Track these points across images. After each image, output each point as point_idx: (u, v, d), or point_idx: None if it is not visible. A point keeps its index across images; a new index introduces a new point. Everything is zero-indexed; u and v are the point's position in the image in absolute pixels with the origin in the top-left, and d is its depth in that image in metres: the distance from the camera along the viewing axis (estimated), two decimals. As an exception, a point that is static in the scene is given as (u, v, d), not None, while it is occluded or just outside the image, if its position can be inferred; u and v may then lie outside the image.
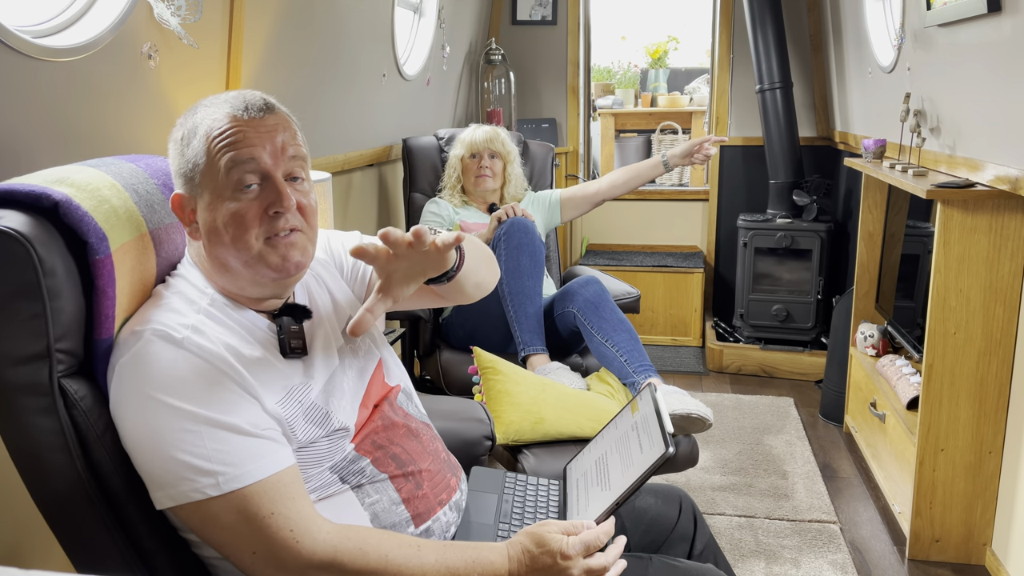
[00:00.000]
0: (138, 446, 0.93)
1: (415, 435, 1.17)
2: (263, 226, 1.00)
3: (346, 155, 2.61)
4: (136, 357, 0.94)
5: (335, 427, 1.04)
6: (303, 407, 1.02)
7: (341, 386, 1.09)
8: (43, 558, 1.40)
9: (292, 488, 0.95)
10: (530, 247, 2.28)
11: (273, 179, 1.00)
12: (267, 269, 1.01)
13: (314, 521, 0.95)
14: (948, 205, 2.06)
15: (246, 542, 0.93)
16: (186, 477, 0.91)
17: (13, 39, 1.21)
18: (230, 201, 0.99)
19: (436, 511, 1.12)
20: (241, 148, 0.98)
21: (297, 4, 2.09)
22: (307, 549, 0.93)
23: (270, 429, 0.97)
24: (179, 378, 0.93)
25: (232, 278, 1.03)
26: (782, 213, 3.63)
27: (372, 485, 1.07)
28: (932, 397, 2.13)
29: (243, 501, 0.92)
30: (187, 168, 1.01)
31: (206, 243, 1.02)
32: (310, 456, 1.02)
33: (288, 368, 1.04)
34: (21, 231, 0.91)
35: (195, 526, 0.94)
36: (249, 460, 0.93)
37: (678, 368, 3.75)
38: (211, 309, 1.01)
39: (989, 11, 1.88)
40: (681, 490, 1.41)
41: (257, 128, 1.00)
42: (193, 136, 1.00)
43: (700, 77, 4.81)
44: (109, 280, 0.97)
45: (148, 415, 0.92)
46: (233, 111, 1.00)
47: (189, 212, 1.03)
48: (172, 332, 0.95)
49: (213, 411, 0.93)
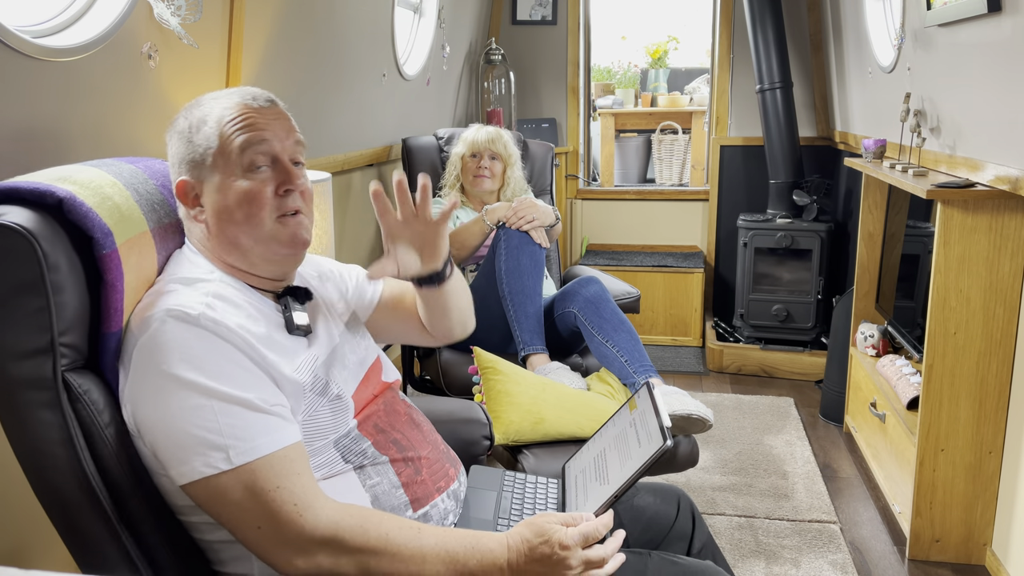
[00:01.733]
0: (154, 426, 0.95)
1: (416, 424, 1.21)
2: (274, 204, 1.07)
3: (346, 155, 2.61)
4: (152, 338, 0.96)
5: (335, 393, 1.08)
6: (312, 376, 1.06)
7: (343, 360, 1.14)
8: (44, 558, 1.40)
9: (297, 463, 0.98)
10: (530, 247, 2.28)
11: (282, 161, 1.08)
12: (278, 245, 1.08)
13: (317, 497, 0.97)
14: (948, 205, 2.06)
15: (252, 517, 0.94)
16: (199, 452, 0.93)
17: (13, 39, 1.22)
18: (243, 181, 1.05)
19: (434, 497, 1.14)
20: (253, 131, 1.06)
21: (297, 4, 2.09)
22: (310, 524, 0.95)
23: (279, 406, 1.00)
24: (194, 353, 0.96)
25: (242, 256, 1.08)
26: (782, 213, 3.63)
27: (374, 467, 1.10)
28: (932, 397, 2.14)
29: (251, 475, 0.94)
30: (196, 154, 1.06)
31: (214, 224, 1.07)
32: (314, 428, 1.05)
33: (293, 344, 1.07)
34: (25, 226, 0.92)
35: (204, 502, 0.96)
36: (259, 434, 0.95)
37: (678, 368, 3.75)
38: (219, 289, 1.04)
39: (989, 11, 1.89)
40: (679, 489, 1.41)
41: (265, 115, 1.08)
42: (203, 124, 1.06)
43: (700, 77, 4.80)
44: (118, 274, 0.99)
45: (163, 393, 0.95)
46: (242, 100, 1.08)
47: (193, 197, 1.08)
48: (187, 311, 0.97)
49: (226, 385, 0.95)
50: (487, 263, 2.34)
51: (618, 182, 4.75)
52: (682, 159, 4.58)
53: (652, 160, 4.75)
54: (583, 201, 4.39)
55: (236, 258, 1.08)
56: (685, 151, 4.57)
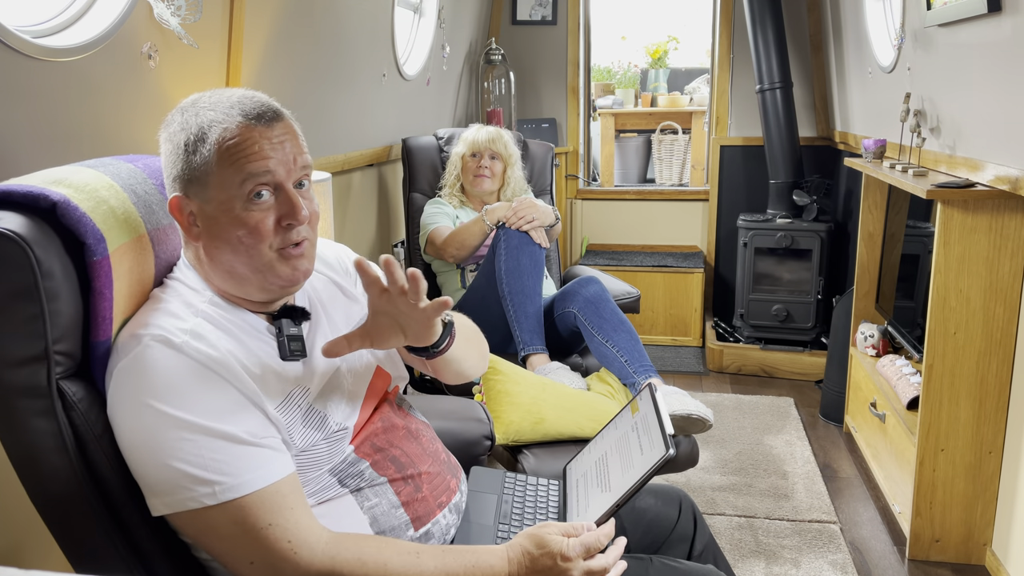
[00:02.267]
0: (134, 452, 0.92)
1: (415, 436, 1.16)
2: (276, 237, 1.00)
3: (346, 155, 2.61)
4: (134, 362, 0.93)
5: (333, 429, 1.04)
6: (302, 411, 1.02)
7: (340, 387, 1.08)
8: (43, 558, 1.40)
9: (290, 498, 0.95)
10: (530, 247, 2.28)
11: (285, 190, 1.00)
12: (277, 278, 1.01)
13: (312, 532, 0.94)
14: (948, 205, 2.06)
15: (244, 552, 0.92)
16: (183, 485, 0.90)
17: (13, 39, 1.21)
18: (242, 211, 0.98)
19: (436, 514, 1.12)
20: (256, 161, 0.97)
21: (297, 4, 2.09)
22: (305, 560, 0.93)
23: (269, 437, 0.96)
24: (177, 384, 0.92)
25: (237, 283, 1.02)
26: (782, 213, 3.63)
27: (371, 488, 1.06)
28: (932, 397, 2.13)
29: (240, 512, 0.91)
30: (193, 173, 0.98)
31: (209, 247, 1.01)
32: (309, 460, 1.01)
33: (287, 370, 1.03)
34: (19, 232, 0.90)
35: (192, 534, 0.94)
36: (247, 470, 0.92)
37: (678, 368, 3.75)
38: (209, 311, 1.00)
39: (989, 11, 1.88)
40: (681, 490, 1.41)
41: (269, 138, 0.99)
42: (201, 142, 0.97)
43: (700, 77, 4.80)
44: (106, 282, 0.96)
45: (145, 422, 0.91)
46: (244, 119, 0.98)
47: (188, 215, 1.01)
48: (171, 336, 0.94)
49: (210, 420, 0.92)
50: (487, 263, 2.34)
51: (618, 182, 4.75)
52: (682, 159, 4.57)
53: (652, 160, 4.75)
54: (583, 201, 4.39)
55: (231, 284, 1.02)
56: (685, 151, 4.57)
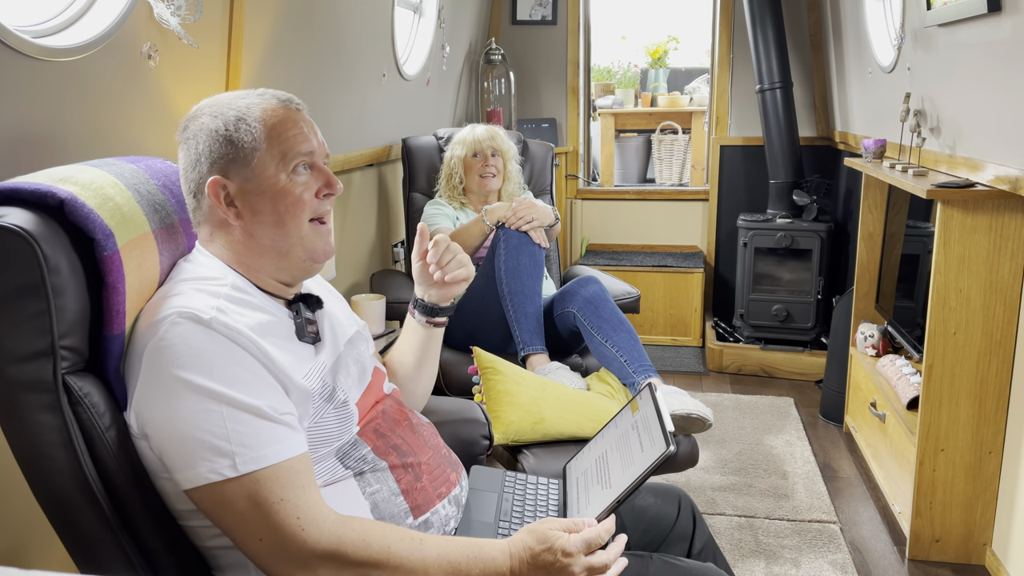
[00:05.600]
0: (162, 429, 0.94)
1: (416, 429, 1.20)
2: (313, 207, 1.09)
3: (346, 155, 2.61)
4: (163, 340, 0.95)
5: (341, 400, 1.07)
6: (320, 382, 1.06)
7: (347, 368, 1.13)
8: (43, 558, 1.40)
9: (303, 476, 0.97)
10: (529, 247, 2.28)
11: (319, 166, 1.10)
12: (311, 252, 1.09)
13: (320, 511, 0.96)
14: (948, 205, 2.06)
15: (254, 528, 0.94)
16: (205, 457, 0.92)
17: (13, 39, 1.21)
18: (288, 183, 1.06)
19: (435, 503, 1.13)
20: (302, 140, 1.08)
21: (297, 4, 2.09)
22: (312, 538, 0.94)
23: (288, 415, 0.99)
24: (206, 357, 0.95)
25: (272, 259, 1.08)
26: (782, 213, 3.63)
27: (373, 474, 1.09)
28: (932, 397, 2.13)
29: (256, 485, 0.93)
30: (237, 152, 1.05)
31: (250, 225, 1.06)
32: (320, 435, 1.04)
33: (302, 350, 1.07)
34: (26, 228, 0.92)
35: (208, 509, 0.95)
36: (266, 443, 0.95)
37: (678, 368, 3.75)
38: (232, 293, 1.03)
39: (989, 11, 1.88)
40: (680, 489, 1.41)
41: (305, 120, 1.11)
42: (243, 121, 1.05)
43: (700, 77, 4.80)
44: (119, 276, 0.98)
45: (173, 396, 0.94)
46: (279, 102, 1.09)
47: (226, 196, 1.06)
48: (199, 313, 0.96)
49: (236, 391, 0.94)
50: (487, 263, 2.34)
51: (618, 182, 4.75)
52: (682, 159, 4.57)
53: (652, 160, 4.75)
54: (583, 201, 4.39)
55: (260, 262, 1.08)
56: (685, 151, 4.57)
